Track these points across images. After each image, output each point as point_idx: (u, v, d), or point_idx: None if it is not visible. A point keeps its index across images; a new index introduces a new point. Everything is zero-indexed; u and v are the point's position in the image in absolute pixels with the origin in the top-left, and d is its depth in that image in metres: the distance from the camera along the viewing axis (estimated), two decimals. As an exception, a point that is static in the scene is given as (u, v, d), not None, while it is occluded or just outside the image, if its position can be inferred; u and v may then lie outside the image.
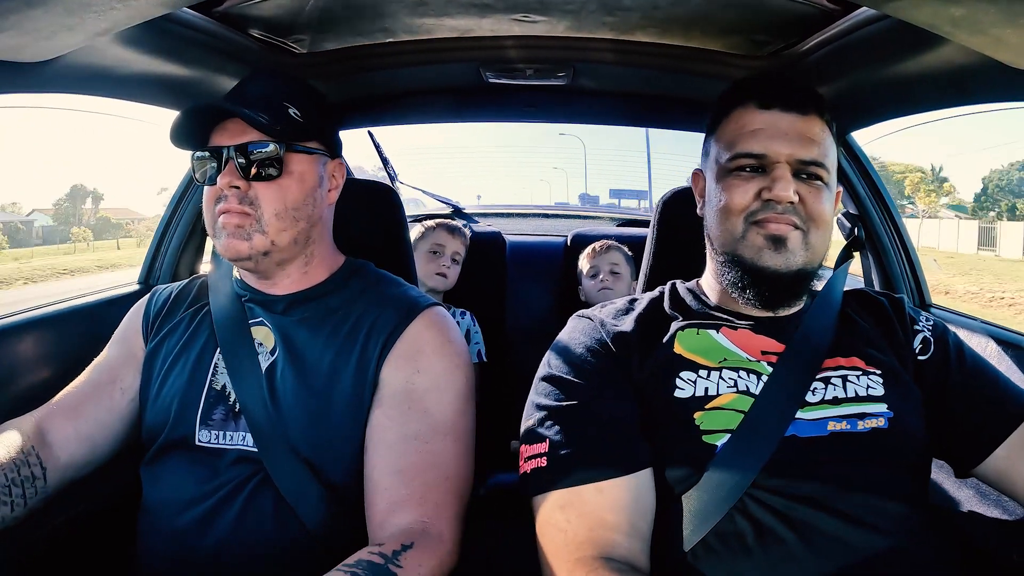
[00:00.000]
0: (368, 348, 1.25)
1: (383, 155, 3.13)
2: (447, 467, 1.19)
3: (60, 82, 1.33)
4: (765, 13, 1.46)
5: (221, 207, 1.24)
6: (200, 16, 1.41)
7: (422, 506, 1.13)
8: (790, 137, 1.17)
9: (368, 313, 1.29)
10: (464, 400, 1.26)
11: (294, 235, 1.28)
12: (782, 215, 1.16)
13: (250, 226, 1.24)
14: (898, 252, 2.00)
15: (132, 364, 1.36)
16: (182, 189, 2.07)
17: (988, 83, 1.30)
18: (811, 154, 1.17)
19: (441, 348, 1.27)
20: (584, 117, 2.75)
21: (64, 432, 1.25)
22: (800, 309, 1.27)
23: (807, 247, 1.18)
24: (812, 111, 1.20)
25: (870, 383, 1.14)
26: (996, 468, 1.14)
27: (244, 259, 1.26)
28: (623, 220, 3.50)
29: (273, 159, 1.24)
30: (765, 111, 1.20)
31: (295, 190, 1.27)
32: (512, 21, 1.58)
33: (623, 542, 1.03)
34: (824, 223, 1.19)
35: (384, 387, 1.23)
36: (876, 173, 2.01)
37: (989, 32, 0.96)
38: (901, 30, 1.22)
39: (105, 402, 1.31)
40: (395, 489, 1.15)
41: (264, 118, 1.22)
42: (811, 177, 1.18)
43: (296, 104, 1.30)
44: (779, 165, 1.16)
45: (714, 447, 1.08)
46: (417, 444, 1.18)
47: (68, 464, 1.24)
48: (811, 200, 1.17)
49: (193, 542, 1.18)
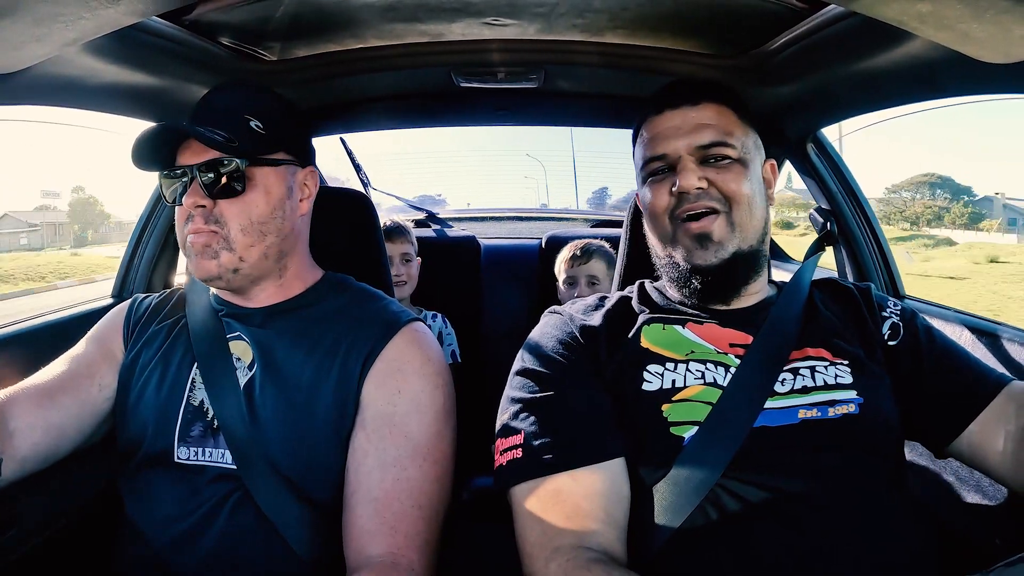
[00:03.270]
0: (348, 365, 1.24)
1: (355, 161, 3.12)
2: (421, 495, 1.18)
3: (29, 93, 1.31)
4: (733, 13, 1.48)
5: (189, 227, 1.23)
6: (170, 25, 1.40)
7: (393, 537, 1.13)
8: (684, 130, 1.25)
9: (348, 329, 1.28)
10: (443, 421, 1.25)
11: (263, 250, 1.27)
12: (696, 202, 1.21)
13: (217, 244, 1.22)
14: (871, 245, 2.03)
15: (111, 363, 1.33)
16: (153, 201, 2.05)
17: (955, 77, 1.32)
18: (707, 138, 1.23)
19: (422, 368, 1.26)
20: (557, 119, 2.76)
21: (29, 419, 1.20)
22: (767, 300, 1.30)
23: (733, 229, 1.22)
24: (704, 100, 1.27)
25: (838, 372, 1.16)
26: (970, 444, 1.17)
27: (215, 278, 1.25)
28: (597, 221, 3.51)
29: (235, 175, 1.23)
30: (660, 115, 1.29)
31: (261, 204, 1.25)
32: (483, 25, 1.58)
33: (599, 530, 1.04)
34: (742, 198, 1.22)
35: (366, 408, 1.22)
36: (847, 169, 2.04)
37: (955, 27, 0.97)
38: (869, 27, 1.24)
39: (82, 395, 1.28)
40: (368, 518, 1.14)
41: (220, 135, 1.20)
42: (718, 159, 1.23)
43: (258, 116, 1.28)
44: (681, 159, 1.24)
45: (682, 439, 1.09)
46: (395, 471, 1.17)
47: (28, 456, 1.19)
48: (721, 180, 1.22)
49: (174, 560, 1.16)
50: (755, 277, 1.28)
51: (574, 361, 1.21)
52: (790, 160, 2.13)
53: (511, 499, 1.11)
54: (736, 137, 1.25)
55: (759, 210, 1.25)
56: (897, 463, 1.16)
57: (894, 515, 1.06)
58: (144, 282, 2.05)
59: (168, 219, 2.04)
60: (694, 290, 1.25)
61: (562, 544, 1.02)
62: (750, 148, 1.27)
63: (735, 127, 1.26)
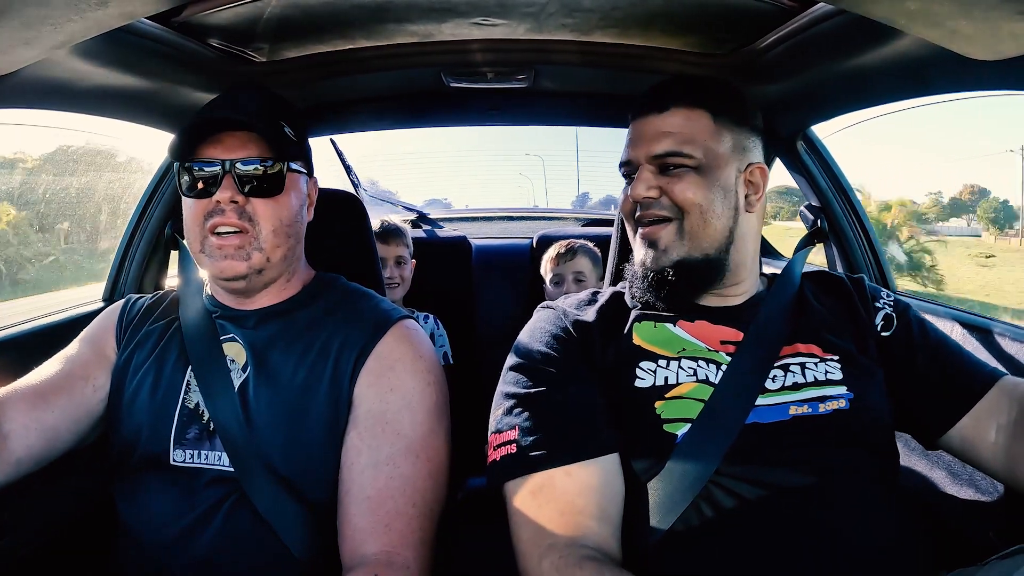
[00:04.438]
0: (340, 364, 1.24)
1: (346, 163, 3.11)
2: (415, 492, 1.18)
3: (18, 97, 1.31)
4: (723, 11, 1.48)
5: (217, 220, 1.23)
6: (159, 27, 1.39)
7: (388, 535, 1.13)
8: (646, 138, 1.25)
9: (339, 329, 1.28)
10: (436, 418, 1.25)
11: (285, 252, 1.29)
12: (647, 210, 1.23)
13: (249, 244, 1.24)
14: (861, 242, 2.03)
15: (104, 364, 1.33)
16: (143, 203, 2.03)
17: (944, 74, 1.34)
18: (663, 147, 1.23)
19: (413, 364, 1.26)
20: (547, 119, 2.76)
21: (23, 420, 1.19)
22: (758, 296, 1.30)
23: (683, 237, 1.22)
24: (671, 105, 1.25)
25: (828, 368, 1.17)
26: (962, 437, 1.17)
27: (240, 278, 1.25)
28: (588, 220, 3.51)
29: (275, 176, 1.25)
30: (633, 121, 1.30)
31: (290, 208, 1.28)
32: (472, 25, 1.58)
33: (594, 526, 1.04)
34: (694, 207, 1.21)
35: (358, 407, 1.22)
36: (837, 166, 2.05)
37: (944, 24, 0.98)
38: (858, 24, 1.25)
39: (76, 395, 1.27)
40: (362, 517, 1.14)
41: (290, 134, 1.24)
42: (676, 167, 1.22)
43: (289, 122, 1.30)
44: (640, 167, 1.25)
45: (675, 436, 1.09)
46: (388, 469, 1.17)
47: (23, 458, 1.18)
48: (673, 189, 1.22)
49: (170, 563, 1.16)
50: (715, 287, 1.27)
51: (568, 356, 1.21)
52: (780, 158, 2.13)
53: (505, 495, 1.11)
54: (699, 144, 1.21)
55: (717, 219, 1.22)
56: (890, 458, 1.17)
57: (887, 510, 1.06)
58: (135, 285, 2.03)
59: (160, 219, 2.02)
60: (648, 287, 1.25)
61: (555, 541, 1.02)
62: (720, 154, 1.23)
63: (703, 133, 1.22)
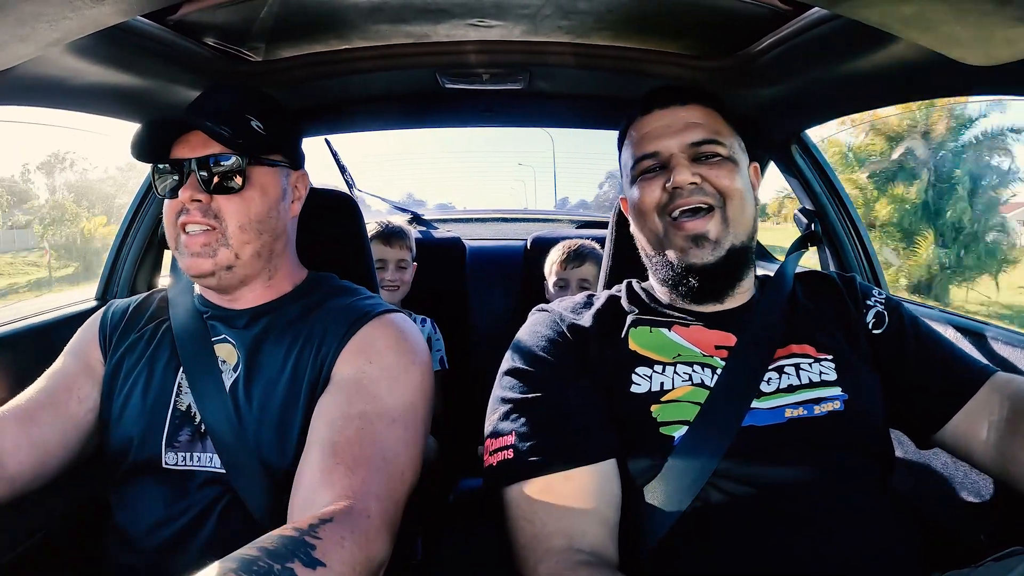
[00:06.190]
0: (322, 352, 1.22)
1: (340, 163, 3.10)
2: (387, 449, 1.08)
3: (12, 94, 1.31)
4: (718, 15, 1.48)
5: (184, 219, 1.22)
6: (154, 25, 1.39)
7: (349, 478, 1.00)
8: (675, 128, 1.26)
9: (326, 321, 1.27)
10: (418, 396, 1.19)
11: (257, 248, 1.27)
12: (690, 197, 1.22)
13: (215, 241, 1.23)
14: (855, 245, 2.04)
15: (89, 375, 1.32)
16: (137, 202, 2.03)
17: (937, 79, 1.34)
18: (699, 135, 1.25)
19: (396, 344, 1.23)
20: (542, 120, 2.77)
21: (15, 439, 1.18)
22: (751, 300, 1.30)
23: (727, 225, 1.23)
24: (691, 101, 1.29)
25: (823, 369, 1.17)
26: (955, 434, 1.18)
27: (208, 275, 1.24)
28: (582, 222, 3.51)
29: (236, 172, 1.23)
30: (649, 114, 1.30)
31: (258, 203, 1.26)
32: (468, 26, 1.58)
33: (591, 531, 1.04)
34: (735, 194, 1.23)
35: (335, 379, 1.19)
36: (831, 169, 2.06)
37: (939, 29, 0.98)
38: (853, 29, 1.25)
39: (61, 409, 1.26)
40: (323, 460, 1.03)
41: (226, 131, 1.20)
42: (709, 156, 1.24)
43: (258, 116, 1.28)
44: (674, 156, 1.25)
45: (672, 438, 1.10)
46: (359, 423, 1.09)
47: (16, 476, 1.17)
48: (714, 176, 1.23)
49: (163, 565, 1.15)
50: (747, 273, 1.29)
51: (564, 360, 1.20)
52: (775, 161, 2.14)
53: (501, 500, 1.11)
54: (725, 137, 1.26)
55: (750, 207, 1.26)
56: (884, 459, 1.17)
57: (880, 511, 1.07)
58: (129, 283, 2.03)
59: (154, 218, 2.02)
60: (689, 289, 1.25)
61: (552, 546, 1.02)
62: (737, 149, 1.28)
63: (723, 128, 1.28)
